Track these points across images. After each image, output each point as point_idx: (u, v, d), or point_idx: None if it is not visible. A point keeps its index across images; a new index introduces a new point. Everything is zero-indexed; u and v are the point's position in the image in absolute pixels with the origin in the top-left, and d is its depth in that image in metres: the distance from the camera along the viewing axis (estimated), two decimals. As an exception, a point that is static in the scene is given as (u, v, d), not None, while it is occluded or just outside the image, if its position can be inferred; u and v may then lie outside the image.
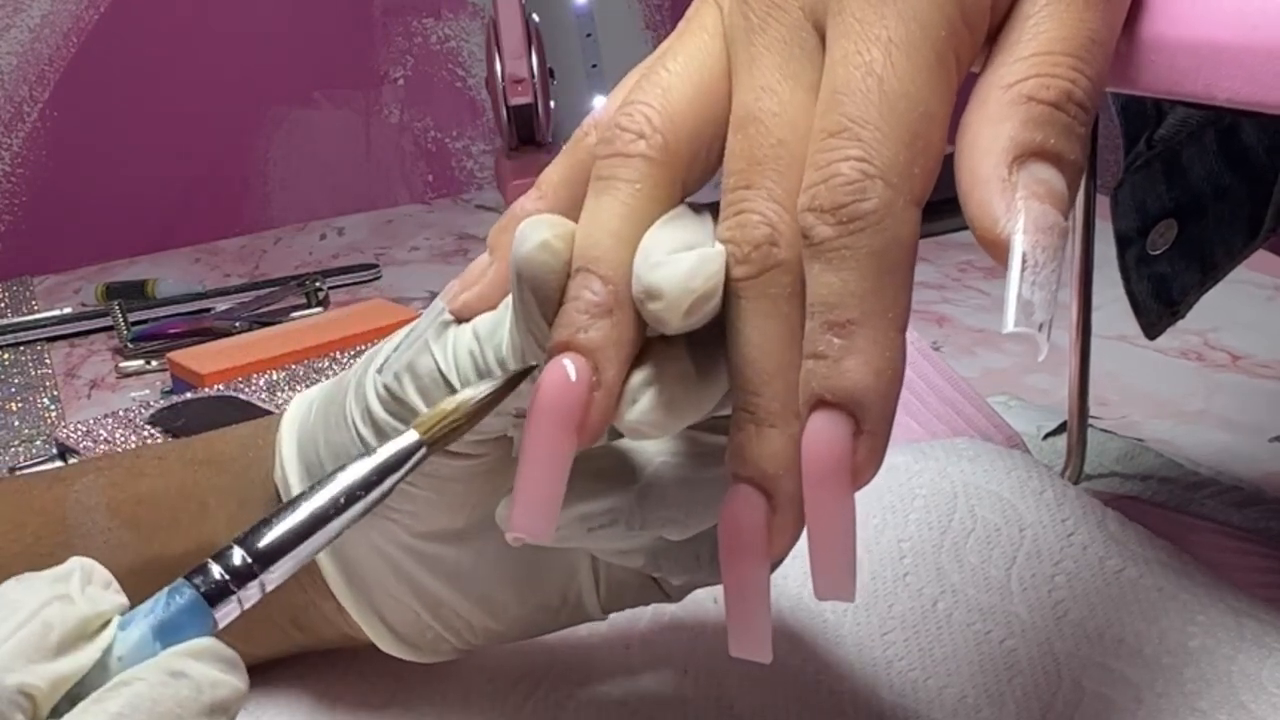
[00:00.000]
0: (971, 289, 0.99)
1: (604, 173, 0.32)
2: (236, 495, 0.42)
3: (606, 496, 0.34)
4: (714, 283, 0.30)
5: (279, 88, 1.49)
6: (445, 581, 0.40)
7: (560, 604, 0.41)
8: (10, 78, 1.39)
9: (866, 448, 0.29)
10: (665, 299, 0.30)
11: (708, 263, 0.30)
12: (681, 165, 0.32)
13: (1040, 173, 0.28)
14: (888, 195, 0.28)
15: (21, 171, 1.40)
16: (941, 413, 0.65)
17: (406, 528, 0.38)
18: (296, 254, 1.35)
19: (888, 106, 0.29)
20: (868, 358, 0.28)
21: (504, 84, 1.40)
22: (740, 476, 0.30)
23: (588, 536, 0.34)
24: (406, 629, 0.40)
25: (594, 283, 0.31)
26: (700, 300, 0.30)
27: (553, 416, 0.30)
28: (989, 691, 0.43)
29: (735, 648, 0.31)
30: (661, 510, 0.34)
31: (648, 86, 0.32)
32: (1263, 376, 0.80)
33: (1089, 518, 0.49)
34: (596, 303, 0.30)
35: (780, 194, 0.30)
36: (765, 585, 0.31)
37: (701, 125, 0.32)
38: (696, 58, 0.32)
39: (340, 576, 0.40)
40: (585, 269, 0.31)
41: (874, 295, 0.28)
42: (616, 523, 0.34)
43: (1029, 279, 0.28)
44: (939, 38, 0.29)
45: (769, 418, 0.29)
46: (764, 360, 0.30)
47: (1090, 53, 0.29)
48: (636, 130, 0.32)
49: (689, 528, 0.35)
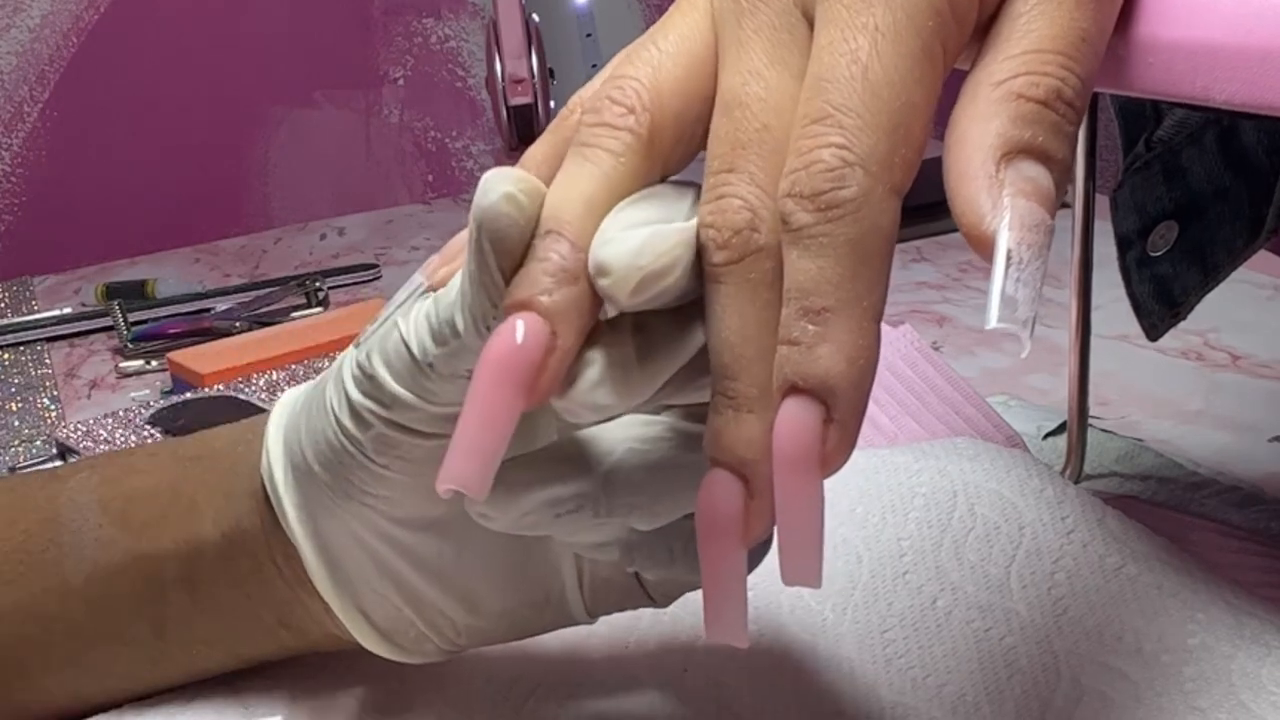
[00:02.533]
0: (971, 289, 0.99)
1: (588, 140, 0.32)
2: (223, 489, 0.42)
3: (573, 481, 0.34)
4: (666, 260, 0.30)
5: (279, 88, 1.49)
6: (426, 575, 0.39)
7: (544, 602, 0.41)
8: (10, 78, 1.39)
9: (837, 435, 0.29)
10: (613, 275, 0.30)
11: (659, 240, 0.30)
12: (665, 146, 0.32)
13: (1028, 170, 0.29)
14: (867, 183, 0.28)
15: (21, 171, 1.40)
16: (941, 413, 0.65)
17: (384, 514, 0.38)
18: (296, 254, 1.35)
19: (871, 95, 0.29)
20: (841, 345, 0.28)
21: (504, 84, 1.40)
22: (717, 461, 0.30)
23: (555, 523, 0.34)
24: (389, 625, 0.40)
25: (563, 246, 0.31)
26: (649, 278, 0.30)
27: (504, 373, 0.30)
28: (988, 689, 0.43)
29: (711, 632, 0.31)
30: (628, 496, 0.34)
31: (638, 62, 0.32)
32: (1263, 376, 0.80)
33: (1088, 516, 0.49)
34: (564, 267, 0.30)
35: (763, 178, 0.30)
36: (742, 570, 0.31)
37: (688, 105, 0.32)
38: (687, 37, 0.33)
39: (323, 570, 0.40)
40: (556, 231, 0.31)
41: (850, 283, 0.28)
42: (583, 509, 0.34)
43: (1013, 276, 0.28)
44: (926, 28, 0.29)
45: (747, 403, 0.30)
46: (742, 345, 0.30)
47: (1081, 51, 0.30)
48: (627, 105, 0.32)
49: (656, 515, 0.35)
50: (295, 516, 0.40)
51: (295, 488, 0.40)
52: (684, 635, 0.46)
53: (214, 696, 0.44)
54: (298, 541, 0.40)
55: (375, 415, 0.36)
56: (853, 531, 0.51)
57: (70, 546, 0.42)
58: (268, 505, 0.41)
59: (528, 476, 0.33)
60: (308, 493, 0.39)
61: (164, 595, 0.42)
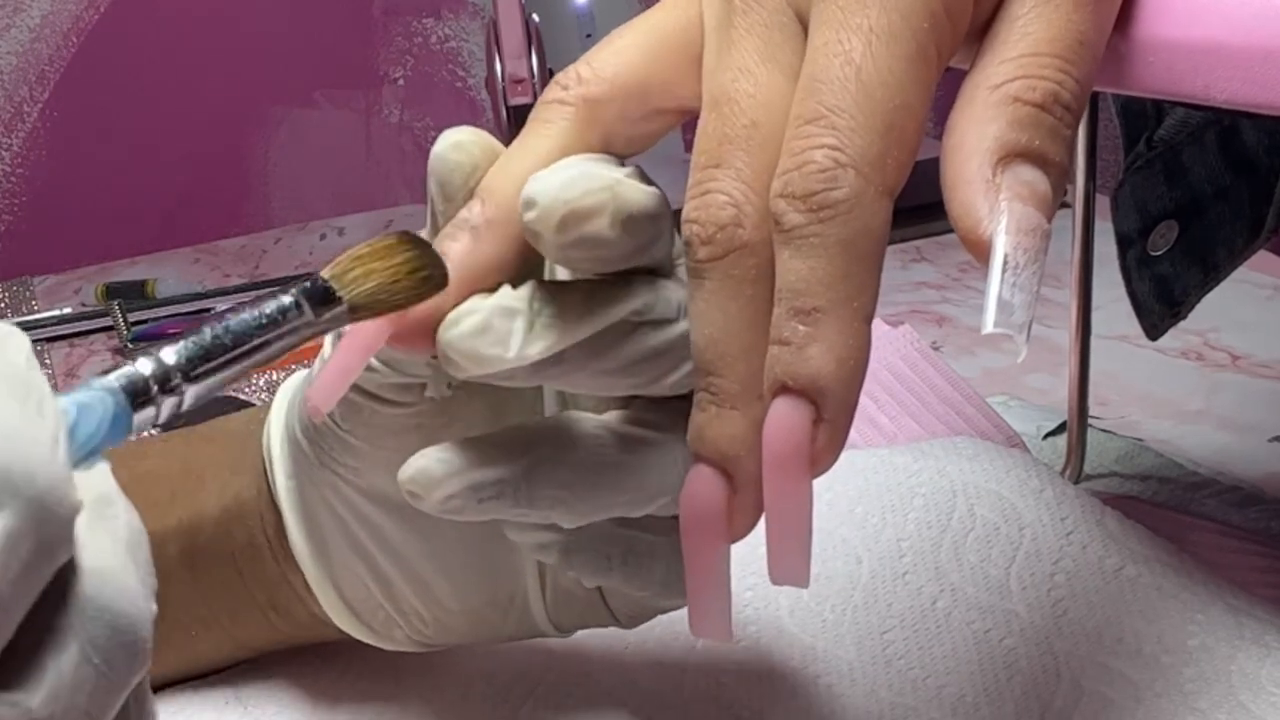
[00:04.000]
0: (971, 289, 0.99)
1: (529, 121, 0.33)
2: (230, 465, 0.43)
3: (495, 467, 0.34)
4: (594, 200, 0.31)
5: (279, 88, 1.49)
6: (391, 558, 0.40)
7: (507, 604, 0.41)
8: (10, 78, 1.39)
9: (826, 435, 0.29)
10: (538, 207, 0.31)
11: (590, 179, 0.31)
12: (606, 119, 0.33)
13: (1024, 174, 0.29)
14: (859, 185, 0.28)
15: (21, 171, 1.40)
16: (941, 413, 0.65)
17: (353, 485, 0.39)
18: (296, 254, 1.35)
19: (864, 96, 0.29)
20: (831, 345, 0.28)
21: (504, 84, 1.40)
22: (701, 456, 0.30)
23: (479, 508, 0.34)
24: (360, 605, 0.41)
25: (476, 205, 0.33)
26: (574, 215, 0.31)
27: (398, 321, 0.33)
28: (988, 690, 0.43)
29: (696, 628, 0.31)
30: (549, 489, 0.34)
31: (600, 47, 0.34)
32: (1263, 376, 0.80)
33: (1088, 516, 0.49)
34: (469, 221, 0.32)
35: (749, 175, 0.30)
36: (725, 566, 0.31)
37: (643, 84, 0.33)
38: (659, 25, 0.34)
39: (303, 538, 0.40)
40: (479, 197, 0.33)
41: (841, 284, 0.28)
42: (503, 496, 0.34)
43: (1009, 280, 0.28)
44: (920, 29, 0.29)
45: (730, 399, 0.30)
46: (726, 342, 0.30)
47: (1078, 54, 0.30)
48: (562, 83, 0.33)
49: (575, 512, 0.35)
50: (284, 485, 0.41)
51: (288, 458, 0.41)
52: (683, 635, 0.46)
53: (213, 695, 0.44)
54: (283, 510, 0.41)
55: None
56: (852, 532, 0.51)
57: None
58: (266, 479, 0.42)
59: (457, 458, 0.34)
60: (297, 462, 0.40)
61: (167, 575, 0.42)
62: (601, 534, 0.36)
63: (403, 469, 0.34)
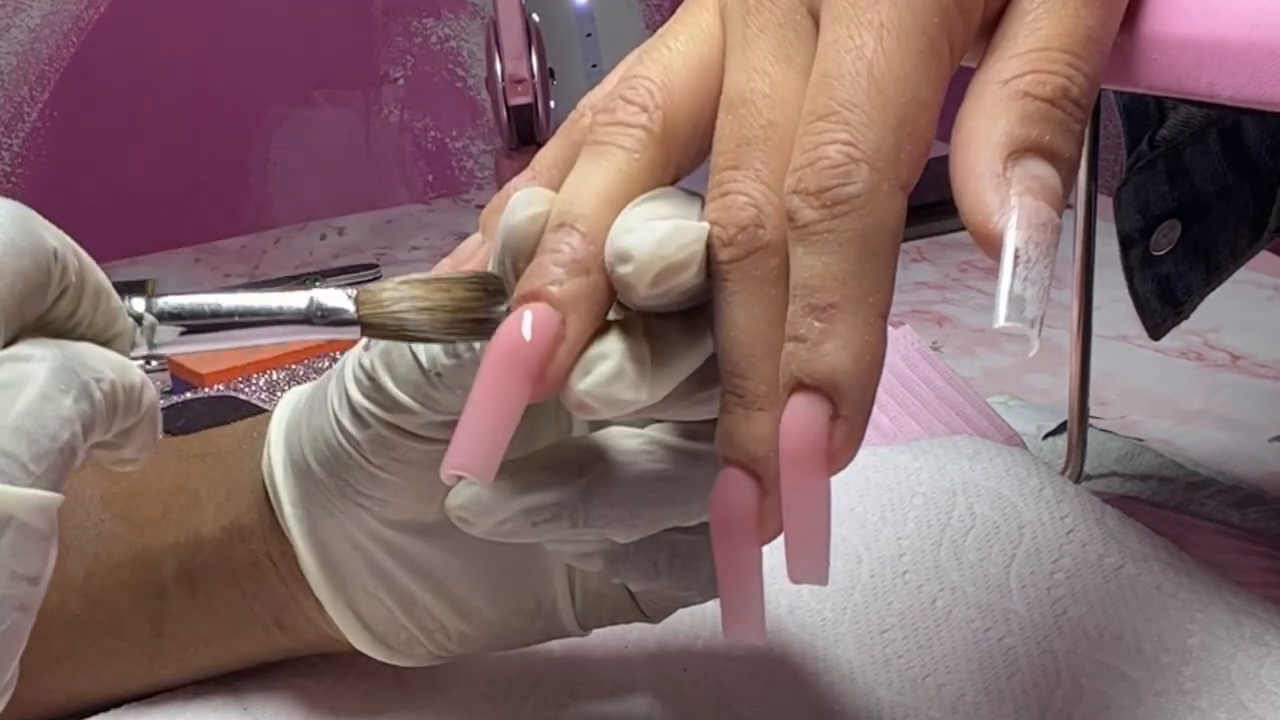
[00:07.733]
0: (971, 289, 0.99)
1: (601, 138, 0.31)
2: (225, 485, 0.42)
3: (551, 490, 0.33)
4: (686, 254, 0.30)
5: (279, 88, 1.49)
6: (418, 578, 0.39)
7: (535, 611, 0.41)
8: (10, 78, 1.39)
9: (843, 432, 0.28)
10: (634, 262, 0.29)
11: (683, 233, 0.30)
12: (679, 145, 0.32)
13: (1035, 169, 0.28)
14: (873, 179, 0.28)
15: (21, 171, 1.40)
16: (941, 413, 0.65)
17: (377, 515, 0.38)
18: (296, 254, 1.35)
19: (876, 91, 0.28)
20: (847, 342, 0.28)
21: (504, 84, 1.40)
22: (730, 460, 0.30)
23: (533, 531, 0.34)
24: (381, 627, 0.40)
25: (574, 238, 0.30)
26: (669, 270, 0.30)
27: (512, 361, 0.30)
28: (988, 689, 0.43)
29: (729, 632, 0.31)
30: (605, 508, 0.34)
31: (649, 62, 0.32)
32: (1263, 376, 0.80)
33: (1088, 515, 0.49)
34: (575, 259, 0.30)
35: (768, 175, 0.30)
36: (757, 568, 0.31)
37: (700, 104, 0.32)
38: (696, 37, 0.33)
39: (317, 568, 0.40)
40: (567, 225, 0.31)
41: (856, 279, 0.28)
42: (560, 518, 0.33)
43: (1021, 274, 0.28)
44: (931, 24, 0.29)
45: (757, 400, 0.29)
46: (751, 343, 0.29)
47: (1087, 49, 0.29)
48: (640, 103, 0.32)
49: (634, 529, 0.34)
50: (292, 514, 0.40)
51: (294, 485, 0.40)
52: (684, 635, 0.46)
53: (214, 697, 0.44)
54: (293, 538, 0.40)
55: (375, 417, 0.36)
56: (852, 531, 0.50)
57: (71, 541, 0.42)
58: (267, 502, 0.41)
59: (507, 484, 0.33)
60: (306, 491, 0.39)
61: (163, 591, 0.42)
62: (649, 540, 0.36)
63: (452, 496, 0.33)
